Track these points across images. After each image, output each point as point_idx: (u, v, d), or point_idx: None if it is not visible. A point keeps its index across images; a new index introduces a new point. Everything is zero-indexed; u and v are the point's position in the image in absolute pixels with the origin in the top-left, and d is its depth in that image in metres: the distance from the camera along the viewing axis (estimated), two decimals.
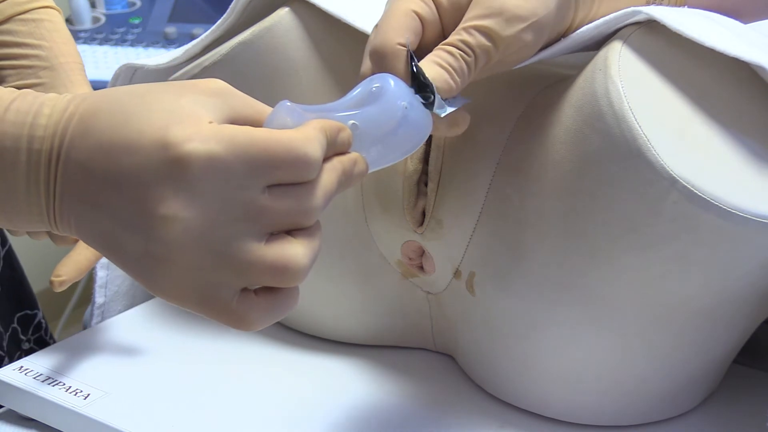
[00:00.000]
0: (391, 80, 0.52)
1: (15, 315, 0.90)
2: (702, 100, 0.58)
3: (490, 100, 0.66)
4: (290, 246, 0.46)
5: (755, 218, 0.55)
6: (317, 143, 0.46)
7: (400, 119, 0.52)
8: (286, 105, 0.48)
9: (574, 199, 0.59)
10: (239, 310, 0.47)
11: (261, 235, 0.46)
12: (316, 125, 0.47)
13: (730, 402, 0.70)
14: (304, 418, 0.68)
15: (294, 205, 0.46)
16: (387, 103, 0.52)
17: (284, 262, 0.46)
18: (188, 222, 0.44)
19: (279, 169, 0.45)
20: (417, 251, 0.69)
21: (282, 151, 0.45)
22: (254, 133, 0.45)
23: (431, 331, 0.74)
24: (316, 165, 0.46)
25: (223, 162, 0.44)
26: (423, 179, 0.67)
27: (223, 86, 0.48)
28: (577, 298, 0.61)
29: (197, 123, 0.45)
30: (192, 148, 0.44)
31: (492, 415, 0.68)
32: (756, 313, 0.65)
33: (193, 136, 0.44)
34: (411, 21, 0.57)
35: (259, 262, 0.46)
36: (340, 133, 0.49)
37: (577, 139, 0.59)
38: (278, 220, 0.46)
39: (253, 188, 0.45)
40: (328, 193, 0.48)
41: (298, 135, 0.46)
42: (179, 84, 0.48)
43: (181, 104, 0.46)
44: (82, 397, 0.69)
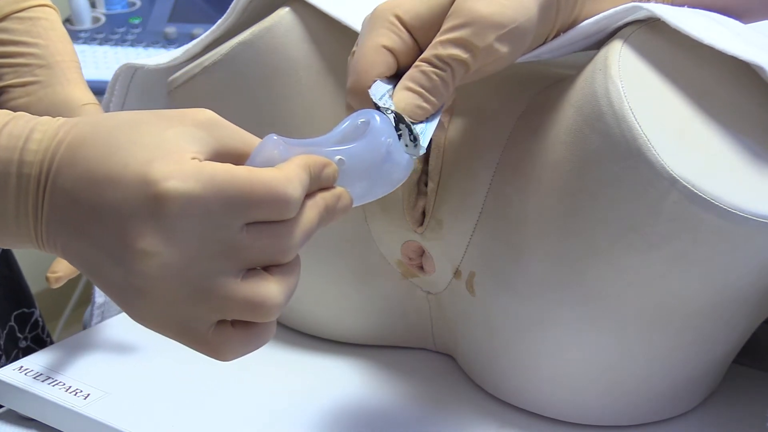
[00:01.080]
0: (377, 116, 0.53)
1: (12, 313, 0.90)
2: (702, 100, 0.58)
3: (490, 100, 0.66)
4: (265, 283, 0.47)
5: (755, 218, 0.55)
6: (298, 183, 0.47)
7: (384, 155, 0.52)
8: (272, 139, 0.49)
9: (574, 198, 0.59)
10: (215, 341, 0.48)
11: (237, 271, 0.46)
12: (299, 162, 0.48)
13: (730, 402, 0.70)
14: (304, 418, 0.68)
15: (272, 244, 0.47)
16: (372, 138, 0.52)
17: (259, 300, 0.46)
18: (166, 257, 0.45)
19: (258, 209, 0.46)
20: (417, 251, 0.69)
21: (261, 191, 0.45)
22: (234, 172, 0.45)
23: (431, 331, 0.74)
24: (295, 205, 0.47)
25: (201, 201, 0.45)
26: (423, 179, 0.67)
27: (210, 117, 0.48)
28: (577, 297, 0.61)
29: (180, 159, 0.45)
30: (171, 187, 0.44)
31: (492, 415, 0.68)
32: (756, 313, 0.65)
33: (173, 173, 0.44)
34: (381, 56, 0.57)
35: (234, 298, 0.46)
36: (325, 168, 0.49)
37: (577, 139, 0.59)
38: (255, 258, 0.46)
39: (232, 226, 0.45)
40: (308, 231, 0.48)
41: (278, 175, 0.46)
42: (167, 114, 0.48)
43: (166, 138, 0.46)
44: (82, 397, 0.69)
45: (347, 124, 0.53)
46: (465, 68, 0.56)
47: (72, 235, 0.47)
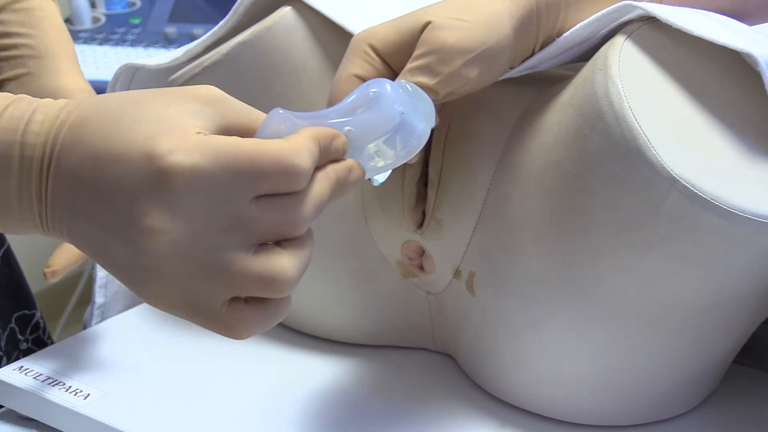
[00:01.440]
0: (388, 85, 0.52)
1: (13, 315, 0.90)
2: (702, 100, 0.58)
3: (490, 100, 0.66)
4: (278, 257, 0.46)
5: (755, 218, 0.55)
6: (307, 153, 0.46)
7: (397, 125, 0.51)
8: (278, 113, 0.48)
9: (574, 198, 0.59)
10: (228, 319, 0.47)
11: (249, 246, 0.45)
12: (307, 134, 0.47)
13: (730, 402, 0.70)
14: (304, 418, 0.68)
15: (282, 217, 0.46)
16: (384, 108, 0.51)
17: (272, 274, 0.46)
18: (174, 234, 0.44)
19: (266, 181, 0.45)
20: (417, 251, 0.69)
21: (269, 163, 0.45)
22: (240, 144, 0.45)
23: (431, 331, 0.74)
24: (304, 175, 0.46)
25: (207, 174, 0.44)
26: (423, 179, 0.67)
27: (216, 94, 0.48)
28: (577, 297, 0.61)
29: (184, 134, 0.44)
30: (176, 161, 0.43)
31: (492, 415, 0.68)
32: (756, 313, 0.65)
33: (178, 147, 0.44)
34: (352, 84, 0.58)
35: (246, 274, 0.45)
36: (334, 140, 0.48)
37: (577, 138, 0.59)
38: (266, 231, 0.46)
39: (240, 200, 0.45)
40: (320, 203, 0.47)
41: (286, 145, 0.45)
42: (171, 92, 0.47)
43: (170, 114, 0.45)
44: (82, 397, 0.69)
45: (355, 96, 0.52)
46: (434, 94, 0.57)
47: (77, 216, 0.46)
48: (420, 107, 0.54)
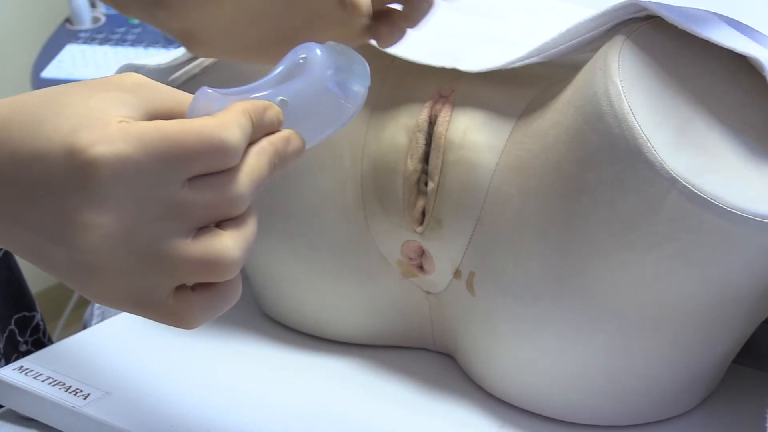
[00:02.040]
0: (318, 49, 0.49)
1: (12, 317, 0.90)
2: (702, 100, 0.58)
3: (490, 100, 0.66)
4: (218, 240, 0.44)
5: (755, 218, 0.55)
6: (235, 127, 0.44)
7: (330, 89, 0.49)
8: (205, 92, 0.46)
9: (574, 198, 0.59)
10: (177, 309, 0.45)
11: (186, 231, 0.44)
12: (237, 108, 0.45)
13: (730, 402, 0.70)
14: (304, 418, 0.68)
15: (218, 196, 0.44)
16: (314, 73, 0.49)
17: (214, 257, 0.44)
18: (106, 228, 0.43)
19: (195, 161, 0.43)
20: (417, 251, 0.69)
21: (195, 142, 0.43)
22: (164, 127, 0.43)
23: (431, 331, 0.74)
24: (235, 151, 0.44)
25: (132, 162, 0.42)
26: (423, 179, 0.67)
27: (138, 80, 0.46)
28: (576, 297, 0.61)
29: (105, 124, 0.43)
30: (98, 152, 0.42)
31: (492, 414, 0.68)
32: (756, 313, 0.65)
33: (98, 138, 0.42)
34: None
35: (187, 260, 0.44)
36: (266, 111, 0.47)
37: (577, 139, 0.59)
38: (203, 214, 0.44)
39: (171, 184, 0.43)
40: (257, 178, 0.45)
41: (212, 122, 0.44)
42: (92, 83, 0.46)
43: (89, 106, 0.44)
44: (82, 397, 0.69)
45: (285, 65, 0.49)
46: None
47: (11, 222, 0.45)
48: (354, 69, 0.51)
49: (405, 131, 0.67)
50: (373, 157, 0.69)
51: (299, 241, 0.73)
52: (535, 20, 0.69)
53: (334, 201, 0.71)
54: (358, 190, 0.70)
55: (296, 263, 0.74)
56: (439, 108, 0.67)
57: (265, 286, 0.78)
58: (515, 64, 0.64)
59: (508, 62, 0.64)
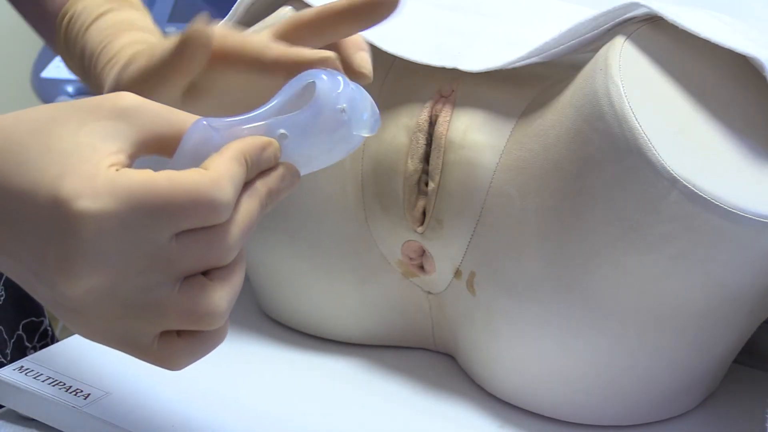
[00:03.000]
0: (324, 75, 0.47)
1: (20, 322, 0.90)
2: (703, 100, 0.58)
3: (491, 100, 0.66)
4: (204, 292, 0.43)
5: (756, 218, 0.55)
6: (227, 183, 0.43)
7: (336, 122, 0.46)
8: (201, 125, 0.44)
9: (575, 198, 0.59)
10: (161, 353, 0.45)
11: (172, 282, 0.43)
12: (230, 154, 0.44)
13: (730, 402, 0.70)
14: (304, 418, 0.68)
15: (206, 251, 0.43)
16: (320, 103, 0.46)
17: (200, 310, 0.43)
18: (90, 281, 0.42)
19: (183, 219, 0.42)
20: (417, 251, 0.69)
21: (185, 201, 0.42)
22: (152, 183, 0.42)
23: (431, 331, 0.74)
24: (225, 209, 0.43)
25: (118, 219, 0.41)
26: (423, 179, 0.67)
27: (130, 104, 0.44)
28: (577, 297, 0.61)
29: (93, 171, 0.41)
30: (83, 207, 0.41)
31: (492, 414, 0.68)
32: (756, 313, 0.65)
33: (84, 191, 0.41)
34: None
35: (172, 311, 0.43)
36: (264, 151, 0.45)
37: (577, 139, 0.59)
38: (190, 267, 0.43)
39: (157, 240, 0.42)
40: (248, 226, 0.44)
41: (203, 180, 0.42)
42: (84, 108, 0.44)
43: (79, 140, 0.43)
44: (82, 396, 0.69)
45: (291, 90, 0.47)
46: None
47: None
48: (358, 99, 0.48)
49: (405, 131, 0.67)
50: (374, 157, 0.69)
51: (299, 241, 0.73)
52: (535, 20, 0.69)
53: (335, 201, 0.71)
54: (359, 190, 0.70)
55: (296, 263, 0.74)
56: (440, 108, 0.67)
57: (265, 286, 0.78)
58: (515, 64, 0.64)
59: (508, 62, 0.64)
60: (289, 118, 0.46)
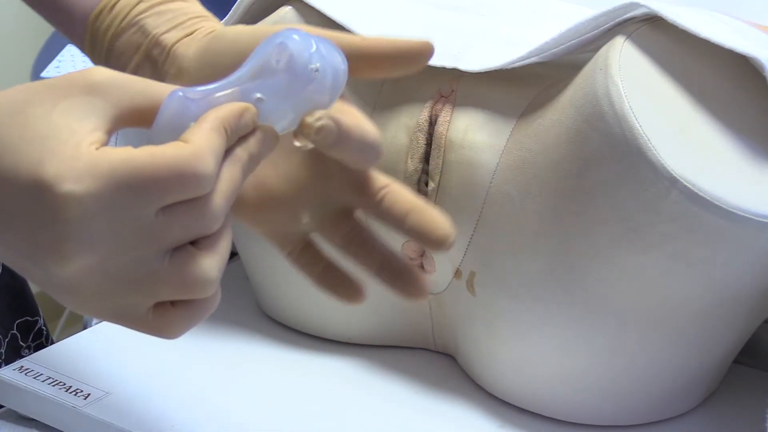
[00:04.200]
0: (296, 35, 0.47)
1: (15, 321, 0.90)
2: (703, 100, 0.58)
3: (491, 100, 0.66)
4: (194, 261, 0.44)
5: (756, 218, 0.55)
6: (209, 154, 0.43)
7: (310, 81, 0.46)
8: (177, 96, 0.44)
9: (575, 198, 0.59)
10: (157, 323, 0.46)
11: (161, 255, 0.43)
12: (210, 125, 0.44)
13: (730, 402, 0.70)
14: (304, 418, 0.68)
15: (192, 221, 0.43)
16: (295, 66, 0.46)
17: (191, 279, 0.44)
18: (80, 261, 0.42)
19: (168, 194, 0.42)
20: (417, 251, 0.69)
21: (168, 175, 0.42)
22: (134, 161, 0.41)
23: (431, 331, 0.74)
24: (209, 179, 0.43)
25: (103, 199, 0.41)
26: (423, 179, 0.67)
27: (103, 78, 0.44)
28: (577, 298, 0.61)
29: (74, 153, 0.41)
30: (66, 190, 0.41)
31: (492, 414, 0.68)
32: (756, 313, 0.65)
33: (66, 174, 0.41)
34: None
35: (163, 283, 0.44)
36: (243, 117, 0.45)
37: (577, 139, 0.59)
38: (178, 238, 0.43)
39: (143, 216, 0.42)
40: (231, 193, 0.45)
41: (184, 153, 0.42)
42: (57, 86, 0.44)
43: (55, 122, 0.42)
44: (82, 397, 0.69)
45: (264, 52, 0.46)
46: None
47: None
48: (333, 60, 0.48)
49: (405, 131, 0.67)
50: None
51: None
52: (535, 20, 0.69)
53: None
54: None
55: None
56: (440, 108, 0.66)
57: (265, 286, 0.78)
58: (515, 64, 0.64)
59: (508, 62, 0.64)
60: (264, 82, 0.46)
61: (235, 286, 0.84)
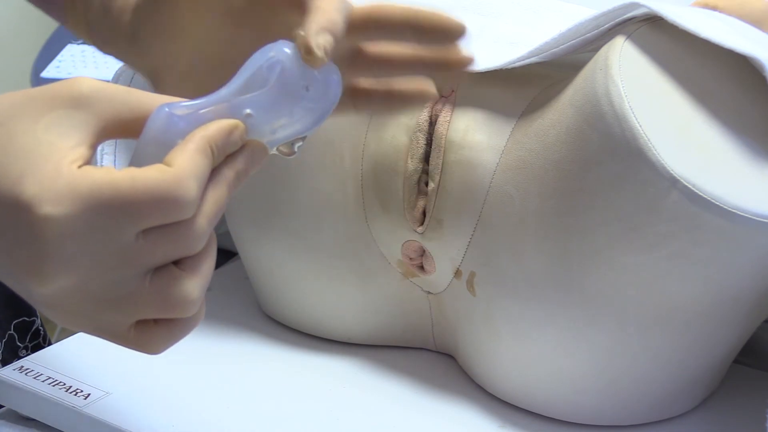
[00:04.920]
0: (287, 49, 0.45)
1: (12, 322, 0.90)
2: (703, 100, 0.58)
3: (491, 100, 0.66)
4: (176, 282, 0.43)
5: (756, 218, 0.55)
6: (192, 178, 0.42)
7: (302, 97, 0.46)
8: (164, 112, 0.43)
9: (575, 198, 0.59)
10: (139, 340, 0.45)
11: (142, 275, 0.43)
12: (195, 146, 0.42)
13: (730, 402, 0.70)
14: (304, 417, 0.68)
15: (173, 245, 0.43)
16: (286, 81, 0.45)
17: (172, 300, 0.43)
18: (58, 280, 0.42)
19: (147, 219, 0.41)
20: (417, 251, 0.69)
21: (148, 201, 0.41)
22: (115, 184, 0.41)
23: (431, 331, 0.74)
24: (190, 206, 0.42)
25: (81, 221, 0.40)
26: (423, 179, 0.67)
27: (87, 90, 0.43)
28: (577, 297, 0.61)
29: (54, 172, 0.41)
30: (44, 213, 0.40)
31: (492, 414, 0.68)
32: (756, 313, 0.65)
33: (45, 196, 0.40)
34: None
35: (144, 303, 0.43)
36: (231, 134, 0.44)
37: (577, 138, 0.59)
38: (158, 260, 0.43)
39: (123, 239, 0.41)
40: (216, 214, 0.44)
41: (166, 177, 0.41)
42: (41, 98, 0.43)
43: (37, 137, 0.41)
44: (82, 397, 0.69)
45: (255, 66, 0.46)
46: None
47: None
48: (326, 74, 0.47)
49: (405, 131, 0.67)
50: (374, 157, 0.69)
51: (299, 240, 0.73)
52: (535, 20, 0.69)
53: (335, 201, 0.71)
54: (359, 190, 0.70)
55: (296, 263, 0.74)
56: (440, 108, 0.67)
57: (265, 286, 0.78)
58: (515, 64, 0.64)
59: (508, 62, 0.64)
60: (254, 97, 0.45)
61: (235, 286, 0.84)
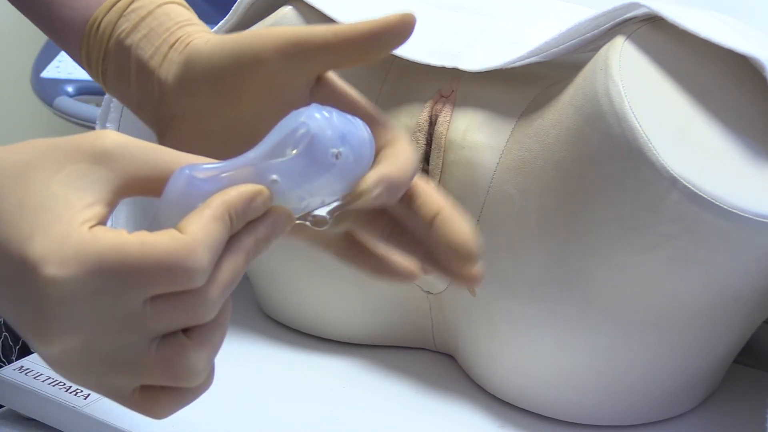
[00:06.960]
0: (317, 114, 0.44)
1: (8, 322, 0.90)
2: (703, 100, 0.58)
3: (491, 100, 0.66)
4: (183, 351, 0.42)
5: (756, 218, 0.55)
6: (204, 248, 0.40)
7: (331, 166, 0.44)
8: (184, 175, 0.42)
9: (575, 198, 0.59)
10: (143, 404, 0.44)
11: (148, 342, 0.41)
12: (212, 214, 0.41)
13: (730, 402, 0.70)
14: (304, 417, 0.68)
15: (181, 314, 0.41)
16: (315, 149, 0.43)
17: (178, 370, 0.42)
18: (62, 343, 0.41)
19: (155, 286, 0.40)
20: None
21: (157, 269, 0.40)
22: (123, 249, 0.40)
23: (431, 330, 0.74)
24: (201, 276, 0.40)
25: (86, 286, 0.40)
26: None
27: (110, 145, 0.42)
28: (577, 297, 0.61)
29: (64, 230, 0.40)
30: (50, 274, 0.39)
31: (492, 414, 0.68)
32: (756, 313, 0.65)
33: (52, 257, 0.39)
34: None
35: (149, 370, 0.42)
36: (253, 201, 0.42)
37: (577, 139, 0.59)
38: (165, 327, 0.41)
39: (129, 305, 0.40)
40: (230, 284, 0.42)
41: (177, 246, 0.40)
42: (62, 148, 0.42)
43: (53, 192, 0.41)
44: (82, 397, 0.69)
45: (284, 130, 0.44)
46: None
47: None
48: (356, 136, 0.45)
49: (405, 131, 0.67)
50: None
51: None
52: (536, 20, 0.69)
53: None
54: None
55: (296, 263, 0.74)
56: (440, 108, 0.66)
57: (265, 286, 0.78)
58: (515, 64, 0.64)
59: (508, 62, 0.64)
60: (282, 162, 0.43)
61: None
